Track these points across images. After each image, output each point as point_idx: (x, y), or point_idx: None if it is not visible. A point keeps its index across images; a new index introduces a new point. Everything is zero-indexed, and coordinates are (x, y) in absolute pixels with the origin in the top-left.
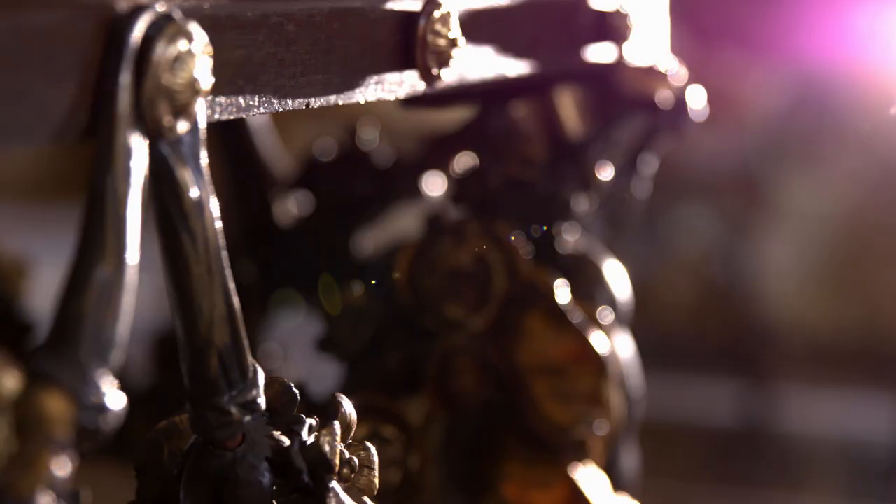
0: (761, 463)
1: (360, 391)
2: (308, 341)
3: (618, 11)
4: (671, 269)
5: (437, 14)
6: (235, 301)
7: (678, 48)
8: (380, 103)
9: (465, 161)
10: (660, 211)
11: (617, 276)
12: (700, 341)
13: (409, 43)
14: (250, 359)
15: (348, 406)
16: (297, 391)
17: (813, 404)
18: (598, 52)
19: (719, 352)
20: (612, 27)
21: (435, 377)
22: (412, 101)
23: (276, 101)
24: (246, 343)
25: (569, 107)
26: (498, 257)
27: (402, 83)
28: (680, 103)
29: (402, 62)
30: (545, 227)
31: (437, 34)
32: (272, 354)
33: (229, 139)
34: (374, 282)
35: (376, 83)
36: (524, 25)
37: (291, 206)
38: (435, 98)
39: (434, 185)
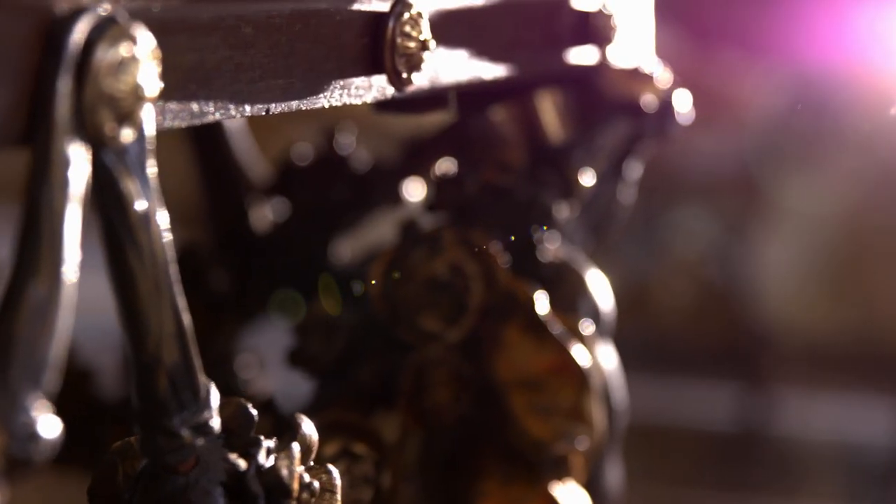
0: (759, 467)
1: (331, 406)
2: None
3: (601, 11)
4: (668, 272)
5: (406, 15)
6: (186, 318)
7: (676, 49)
8: (365, 106)
9: (444, 166)
10: (657, 212)
11: (599, 286)
12: (697, 344)
13: (378, 45)
14: (203, 378)
15: (308, 427)
16: (254, 412)
17: (811, 408)
18: (581, 54)
19: (717, 354)
20: (594, 28)
21: (409, 391)
22: (386, 106)
23: (232, 108)
24: (198, 361)
25: (550, 110)
26: (475, 267)
27: (370, 87)
28: (665, 106)
29: (369, 65)
30: (525, 235)
31: (407, 36)
32: (249, 365)
33: (204, 143)
34: (347, 292)
35: (342, 88)
36: (501, 26)
37: (268, 213)
38: (410, 102)
39: (415, 190)
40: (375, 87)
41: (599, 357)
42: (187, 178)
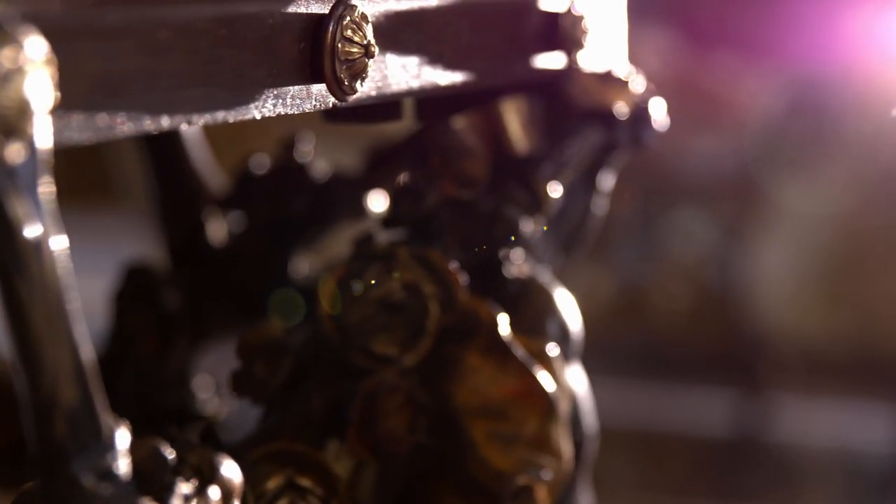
0: (756, 473)
1: (276, 436)
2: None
3: (570, 12)
4: (666, 275)
5: (348, 18)
6: (86, 352)
7: (675, 51)
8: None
9: (402, 178)
10: (654, 215)
11: (567, 305)
12: (694, 349)
13: (317, 51)
14: (108, 418)
15: (229, 469)
16: (169, 454)
17: (808, 414)
18: (549, 59)
19: (714, 359)
20: (564, 30)
21: (360, 420)
22: (336, 115)
23: (147, 119)
24: (101, 400)
25: (515, 119)
26: (432, 286)
27: (309, 97)
28: (640, 114)
29: (307, 73)
30: (487, 252)
31: (349, 41)
32: (203, 388)
33: (157, 152)
34: (297, 311)
35: (275, 97)
36: (457, 30)
37: (224, 226)
38: (361, 111)
39: (379, 202)
40: (314, 96)
41: (567, 380)
42: (140, 188)
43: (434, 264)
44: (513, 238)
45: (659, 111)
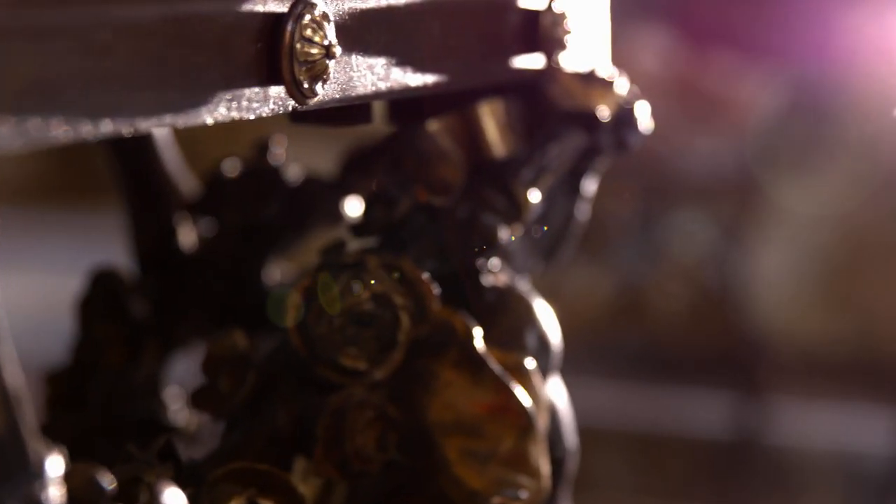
0: (755, 477)
1: (239, 454)
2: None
3: (551, 11)
4: (665, 276)
5: (308, 17)
6: (12, 375)
7: (674, 51)
8: None
9: (374, 184)
10: (653, 216)
11: (546, 316)
12: (694, 350)
13: (274, 52)
14: (37, 445)
15: (171, 498)
16: (106, 482)
17: (808, 416)
18: (528, 59)
19: (713, 361)
20: (544, 29)
21: (328, 436)
22: (303, 117)
23: (88, 125)
24: (28, 425)
25: (493, 122)
26: (404, 296)
27: (266, 100)
28: (624, 117)
29: (264, 75)
30: (463, 261)
31: (309, 41)
32: (175, 398)
33: (125, 154)
34: (264, 322)
35: (230, 100)
36: (431, 29)
37: (195, 231)
38: (328, 113)
39: (357, 207)
40: (273, 99)
41: (547, 394)
42: (108, 192)
43: (406, 273)
44: (490, 246)
45: (643, 113)
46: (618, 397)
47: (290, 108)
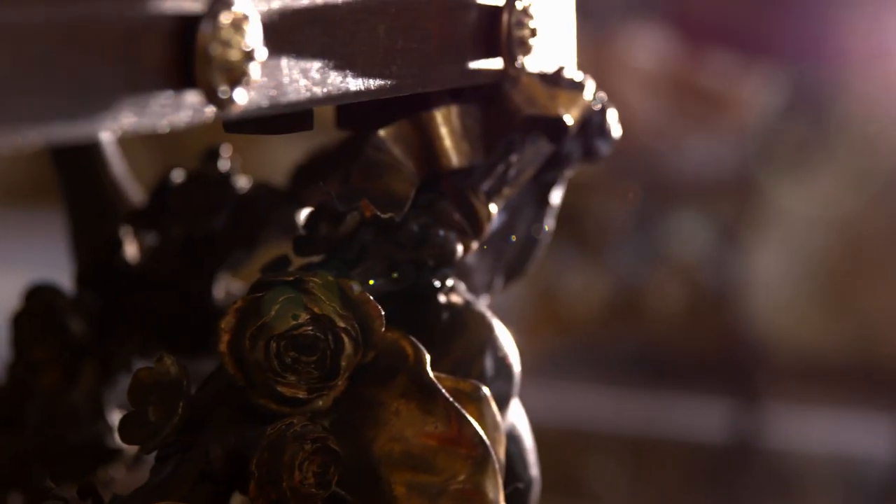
0: (752, 482)
1: (168, 491)
2: None
3: (513, 9)
4: (662, 277)
5: (225, 18)
6: None
7: (672, 50)
8: None
9: (318, 196)
10: (650, 216)
11: (506, 336)
12: (691, 354)
13: (188, 56)
14: None
15: None
16: None
17: (805, 421)
18: (488, 62)
19: (710, 365)
20: (505, 29)
21: (263, 472)
22: (237, 125)
23: None
24: None
25: (448, 129)
26: (347, 319)
27: (179, 108)
28: (591, 123)
29: (176, 80)
30: (415, 279)
31: (227, 44)
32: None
33: (67, 162)
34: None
35: (136, 108)
36: (374, 30)
37: (139, 245)
38: (264, 121)
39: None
40: (187, 106)
41: (506, 422)
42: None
43: (349, 294)
44: (445, 262)
45: (613, 119)
46: (613, 401)
47: (209, 116)
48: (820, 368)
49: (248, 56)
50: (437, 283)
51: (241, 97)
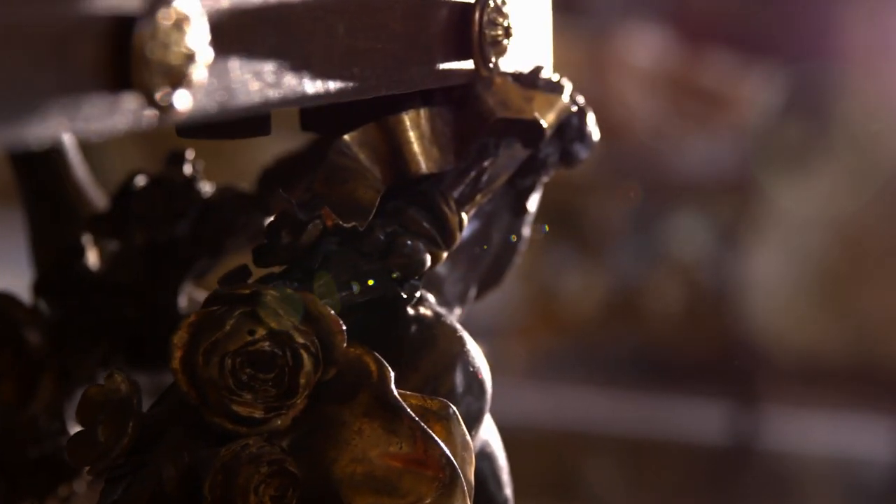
0: (750, 483)
1: None
2: None
3: (485, 7)
4: (661, 277)
5: (165, 18)
6: None
7: (671, 49)
8: None
9: (278, 204)
10: (649, 216)
11: (476, 351)
12: (689, 355)
13: (124, 57)
14: None
15: None
16: None
17: (804, 422)
18: (459, 62)
19: (709, 367)
20: (477, 28)
21: (214, 497)
22: (189, 129)
23: None
24: None
25: (417, 133)
26: (306, 334)
27: (114, 111)
28: (570, 126)
29: (112, 82)
30: (380, 291)
31: (166, 45)
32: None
33: (26, 166)
34: (158, 359)
35: (66, 112)
36: (333, 29)
37: (101, 251)
38: (216, 125)
39: None
40: (124, 110)
41: (476, 441)
42: (12, 208)
43: (309, 308)
44: (413, 273)
45: (591, 122)
46: (611, 402)
47: (150, 121)
48: (819, 369)
49: (190, 58)
50: (405, 295)
51: (184, 101)
